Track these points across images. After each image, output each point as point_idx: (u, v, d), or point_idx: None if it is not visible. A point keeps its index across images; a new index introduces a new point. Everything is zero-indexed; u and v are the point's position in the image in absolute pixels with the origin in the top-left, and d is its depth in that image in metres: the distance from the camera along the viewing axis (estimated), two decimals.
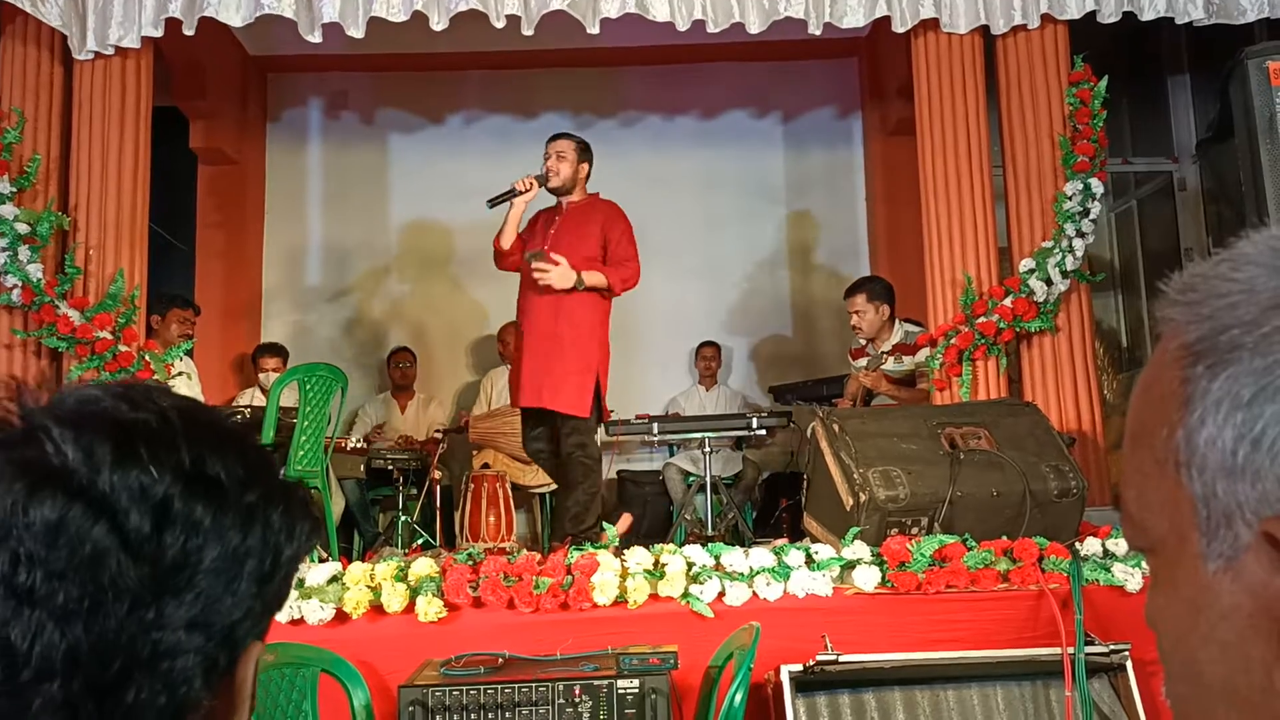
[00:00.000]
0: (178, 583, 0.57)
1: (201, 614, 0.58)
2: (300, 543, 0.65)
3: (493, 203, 4.44)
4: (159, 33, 4.51)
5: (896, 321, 5.12)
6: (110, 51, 4.55)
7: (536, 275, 4.27)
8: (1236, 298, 0.46)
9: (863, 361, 5.15)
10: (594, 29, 4.53)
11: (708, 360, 6.80)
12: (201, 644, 0.58)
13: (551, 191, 4.50)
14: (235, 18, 4.47)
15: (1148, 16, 4.65)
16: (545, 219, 4.53)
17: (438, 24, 4.51)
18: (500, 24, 4.52)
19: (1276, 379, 0.44)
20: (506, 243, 4.44)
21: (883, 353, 4.99)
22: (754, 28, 4.59)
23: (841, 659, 2.78)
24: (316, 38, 4.50)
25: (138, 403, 0.61)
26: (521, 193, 4.41)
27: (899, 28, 4.69)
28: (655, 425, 5.15)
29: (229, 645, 0.61)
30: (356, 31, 4.49)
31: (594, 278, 4.29)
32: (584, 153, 4.52)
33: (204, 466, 0.60)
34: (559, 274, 4.24)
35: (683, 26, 4.57)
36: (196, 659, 0.58)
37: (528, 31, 4.53)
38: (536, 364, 4.30)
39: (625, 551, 3.29)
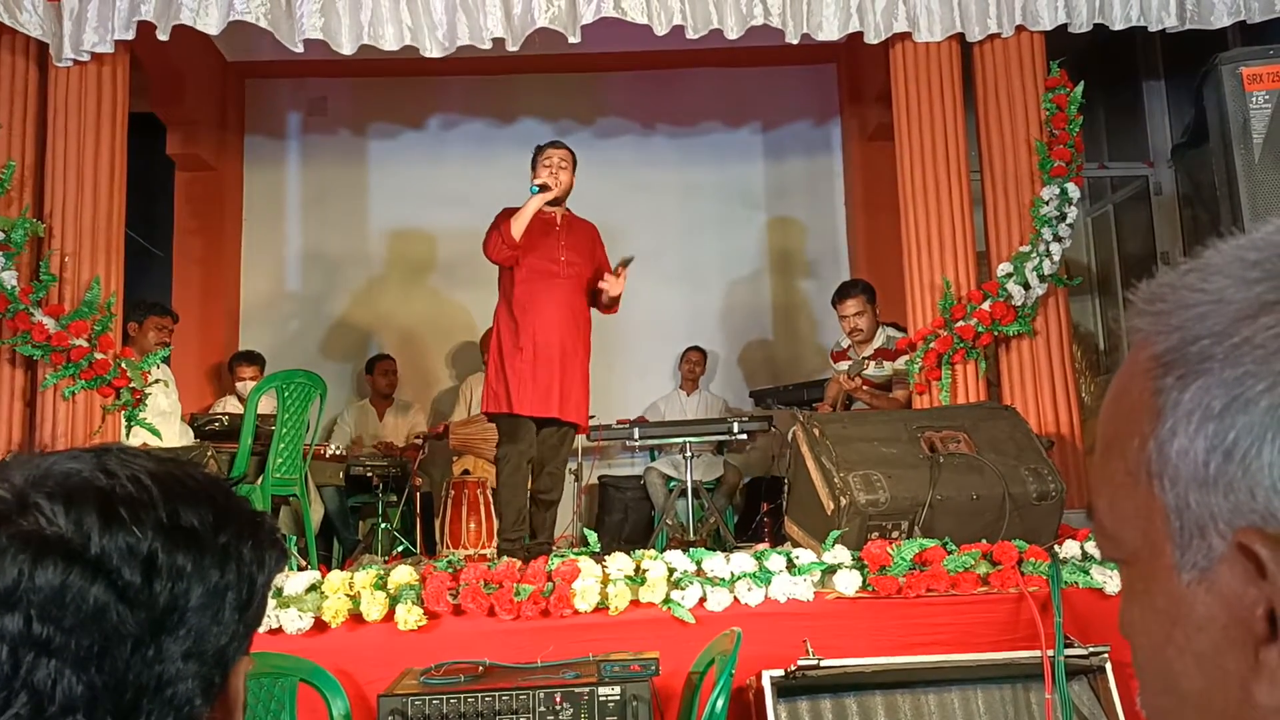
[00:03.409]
0: (171, 622, 0.66)
1: (194, 645, 0.67)
2: (271, 568, 0.74)
3: (540, 187, 4.33)
4: (130, 35, 4.48)
5: (879, 325, 5.15)
6: (86, 58, 4.52)
7: (610, 283, 4.39)
8: (1205, 308, 0.46)
9: (844, 365, 5.16)
10: (575, 38, 4.54)
11: (692, 365, 6.81)
12: (197, 669, 0.67)
13: (549, 202, 4.42)
14: (211, 25, 4.44)
15: (1119, 26, 4.70)
16: (540, 227, 4.39)
17: (430, 52, 4.52)
18: (486, 45, 4.54)
19: (1247, 390, 0.44)
20: (519, 235, 4.28)
21: (864, 357, 5.01)
22: (732, 33, 4.60)
23: (823, 664, 2.78)
24: (299, 47, 4.49)
25: (113, 470, 0.68)
26: (550, 190, 4.35)
27: (872, 39, 4.72)
28: (636, 430, 5.14)
29: (221, 665, 0.69)
30: (348, 49, 4.50)
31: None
32: (574, 164, 4.53)
33: (179, 519, 0.68)
34: (623, 285, 4.43)
35: (661, 31, 4.58)
36: (195, 682, 0.67)
37: (513, 48, 4.54)
38: (558, 375, 4.29)
39: (606, 557, 3.28)
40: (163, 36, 4.46)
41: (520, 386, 4.27)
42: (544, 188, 4.33)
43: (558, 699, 2.55)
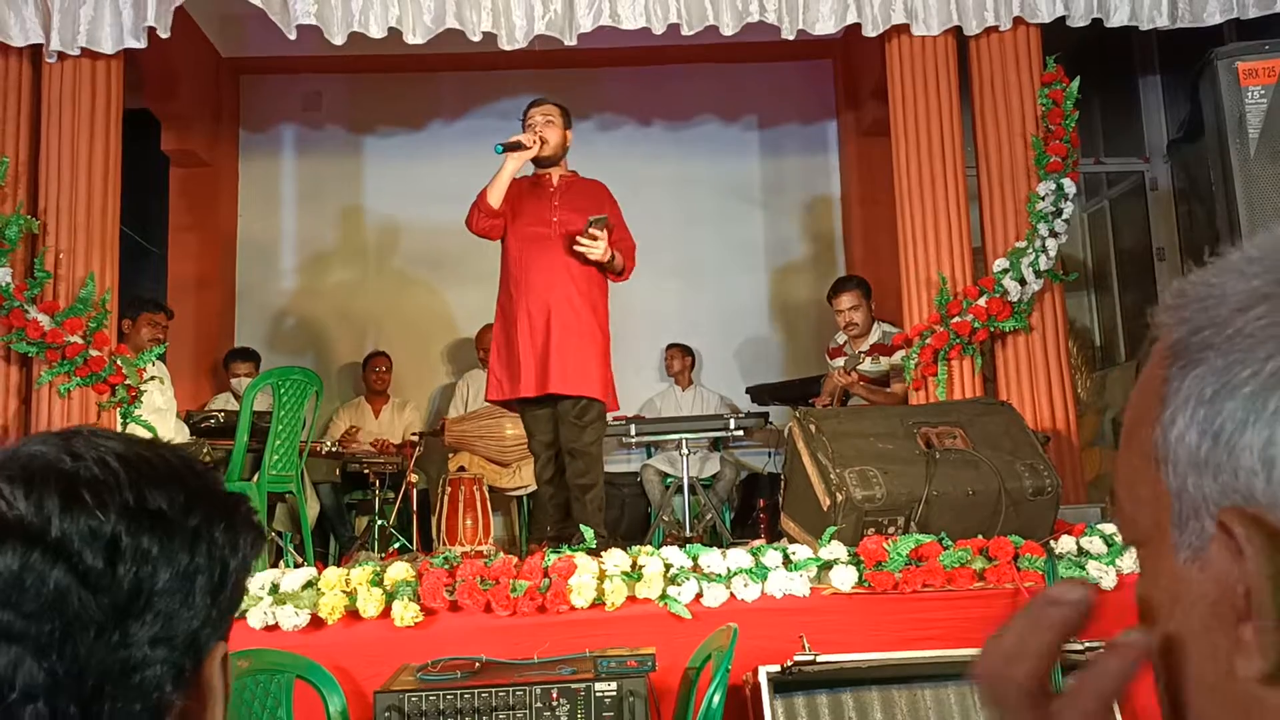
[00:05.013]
0: (137, 607, 0.64)
1: (163, 630, 0.65)
2: (245, 552, 0.72)
3: (505, 146, 4.01)
4: (141, 43, 4.48)
5: (874, 321, 5.15)
6: (77, 52, 4.50)
7: (585, 246, 3.91)
8: (1210, 301, 0.49)
9: (840, 361, 5.16)
10: (571, 41, 4.56)
11: (669, 361, 6.82)
12: (167, 655, 0.65)
13: (537, 161, 4.11)
14: None
15: (1114, 23, 4.70)
16: (532, 190, 4.13)
17: (413, 38, 4.52)
18: (476, 38, 4.54)
19: (1235, 376, 0.47)
20: (497, 202, 3.97)
21: (860, 353, 5.01)
22: (727, 30, 4.60)
23: (819, 659, 2.78)
24: (292, 34, 4.48)
25: (79, 453, 0.66)
26: (527, 148, 4.01)
27: (870, 32, 4.72)
28: (633, 426, 5.14)
29: (193, 651, 0.67)
30: (339, 38, 4.50)
31: (619, 257, 4.07)
32: (568, 120, 4.22)
33: (146, 502, 0.66)
34: (603, 247, 3.94)
35: (659, 30, 4.59)
36: (165, 668, 0.65)
37: (506, 47, 4.54)
38: (557, 343, 3.90)
39: (603, 553, 3.28)
40: (164, 34, 4.45)
41: (520, 366, 3.92)
42: (511, 146, 3.98)
43: (554, 695, 2.55)
